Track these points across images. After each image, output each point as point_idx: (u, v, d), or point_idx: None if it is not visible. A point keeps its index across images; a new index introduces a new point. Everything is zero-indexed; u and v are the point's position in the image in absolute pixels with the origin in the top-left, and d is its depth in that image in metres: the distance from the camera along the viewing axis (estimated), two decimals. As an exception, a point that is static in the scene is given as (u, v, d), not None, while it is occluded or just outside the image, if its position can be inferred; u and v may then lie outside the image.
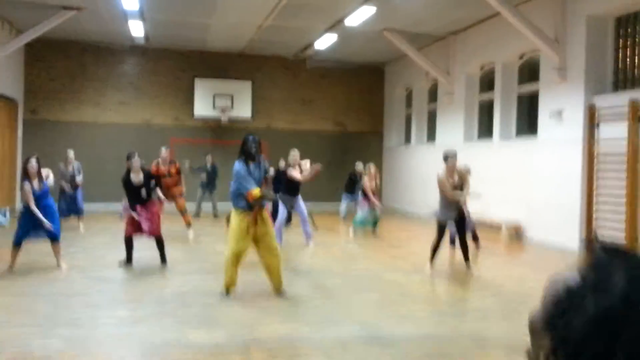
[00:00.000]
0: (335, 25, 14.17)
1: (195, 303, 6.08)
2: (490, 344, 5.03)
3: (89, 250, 9.38)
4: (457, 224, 8.14)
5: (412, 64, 16.43)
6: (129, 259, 8.11)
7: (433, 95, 17.07)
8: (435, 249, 8.06)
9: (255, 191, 6.13)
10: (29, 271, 7.50)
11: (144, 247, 8.49)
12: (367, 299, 6.45)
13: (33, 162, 7.48)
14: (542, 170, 11.67)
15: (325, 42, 15.81)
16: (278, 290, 6.47)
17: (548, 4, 11.42)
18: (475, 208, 13.41)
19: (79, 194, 12.01)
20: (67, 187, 11.82)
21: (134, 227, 8.03)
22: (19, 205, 15.66)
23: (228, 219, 7.07)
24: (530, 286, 7.37)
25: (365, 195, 12.12)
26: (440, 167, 8.30)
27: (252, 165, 6.31)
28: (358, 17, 13.15)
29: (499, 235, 12.22)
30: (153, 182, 8.24)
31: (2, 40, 13.26)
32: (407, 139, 18.91)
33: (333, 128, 19.29)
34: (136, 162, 8.17)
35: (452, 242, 9.63)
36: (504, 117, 13.42)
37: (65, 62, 16.58)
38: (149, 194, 8.11)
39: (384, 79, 19.92)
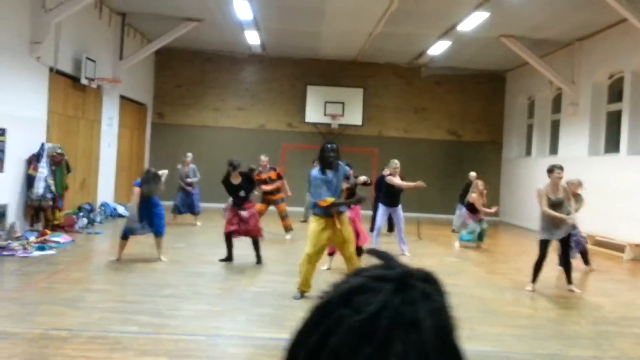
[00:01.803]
0: (448, 31, 13.82)
1: (272, 303, 6.20)
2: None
3: (193, 246, 9.90)
4: (562, 242, 7.58)
5: (534, 72, 15.56)
6: (229, 256, 8.47)
7: (557, 105, 16.05)
8: (537, 269, 7.57)
9: (328, 200, 6.18)
10: (131, 262, 8.06)
11: (244, 245, 8.77)
12: (446, 314, 6.17)
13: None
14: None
15: (438, 48, 15.48)
16: None
17: (683, 6, 10.31)
18: (599, 226, 12.46)
19: (195, 194, 12.70)
20: (183, 185, 12.54)
21: (234, 226, 8.37)
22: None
23: None
24: (638, 314, 6.67)
25: (471, 210, 11.64)
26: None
27: (329, 173, 6.34)
28: (471, 23, 12.72)
29: (621, 257, 11.22)
30: (251, 185, 8.57)
31: (134, 49, 14.45)
32: (528, 150, 17.92)
33: (447, 137, 18.79)
34: (236, 172, 8.51)
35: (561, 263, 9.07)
36: (632, 129, 12.27)
37: (190, 69, 17.73)
38: (247, 194, 8.44)
39: (505, 87, 19.07)
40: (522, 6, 11.62)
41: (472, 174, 13.71)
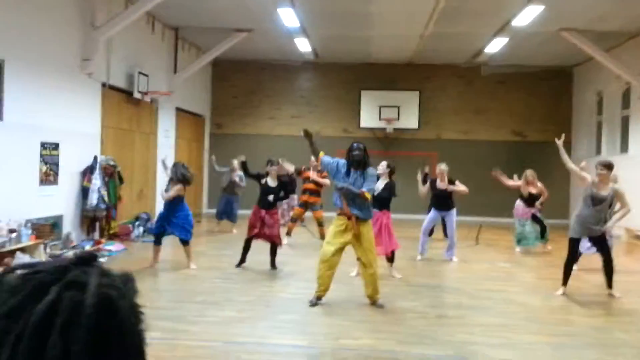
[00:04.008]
0: (504, 27, 13.32)
1: (299, 310, 6.12)
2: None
3: (238, 253, 9.96)
4: (596, 243, 7.09)
5: (602, 66, 14.72)
6: (243, 259, 8.48)
7: (627, 101, 15.11)
8: (567, 270, 7.18)
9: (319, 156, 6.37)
10: (174, 269, 8.23)
11: (283, 251, 8.74)
12: (481, 322, 5.87)
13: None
14: None
15: (496, 46, 14.95)
16: (371, 300, 6.27)
17: None
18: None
19: (236, 202, 12.87)
20: (237, 190, 12.75)
21: (256, 229, 8.34)
22: (205, 210, 17.38)
23: None
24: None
25: (525, 202, 11.10)
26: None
27: (353, 172, 6.23)
28: (526, 18, 12.18)
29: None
30: (282, 195, 8.56)
31: (189, 62, 14.86)
32: (598, 149, 16.96)
33: (511, 138, 18.10)
34: (274, 169, 8.57)
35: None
36: None
37: (245, 80, 18.06)
38: (275, 201, 8.42)
39: (572, 84, 18.16)
40: (578, -3, 11.04)
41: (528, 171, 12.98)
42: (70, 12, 9.63)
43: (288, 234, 11.09)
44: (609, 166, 6.96)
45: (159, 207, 13.50)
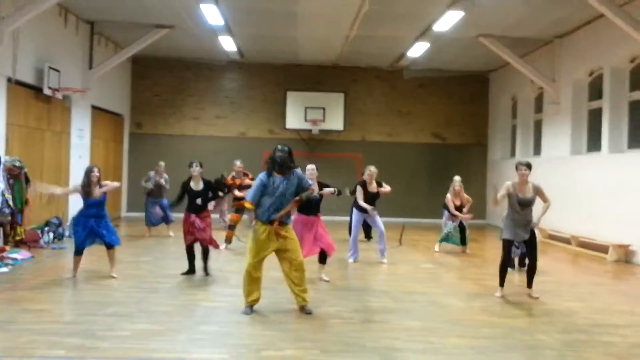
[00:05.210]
0: (425, 32, 13.55)
1: (220, 320, 5.86)
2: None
3: (158, 259, 9.57)
4: (526, 244, 7.31)
5: (516, 71, 15.30)
6: (191, 268, 8.16)
7: (540, 105, 15.77)
8: (502, 271, 7.32)
9: (247, 203, 6.09)
10: (87, 279, 7.72)
11: (211, 257, 8.39)
12: (406, 326, 5.84)
13: (95, 172, 7.76)
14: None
15: (418, 50, 15.22)
16: (300, 306, 6.16)
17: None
18: (582, 227, 12.16)
19: (165, 203, 12.41)
20: (152, 191, 12.25)
21: (192, 235, 8.05)
22: (124, 214, 16.63)
23: None
24: (613, 320, 6.33)
25: (449, 210, 11.41)
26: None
27: (277, 178, 6.03)
28: (446, 23, 12.44)
29: (605, 259, 10.90)
30: (211, 194, 8.24)
31: (106, 58, 14.13)
32: (513, 152, 17.63)
33: (432, 140, 18.50)
34: (195, 170, 8.22)
35: (521, 264, 9.02)
36: (613, 127, 11.98)
37: (168, 78, 17.48)
38: (204, 204, 8.12)
39: (489, 88, 18.80)
40: (497, 4, 11.36)
41: (456, 177, 13.31)
42: (-30, 0, 8.88)
43: (227, 241, 10.75)
44: (529, 166, 7.16)
45: (72, 211, 12.77)
